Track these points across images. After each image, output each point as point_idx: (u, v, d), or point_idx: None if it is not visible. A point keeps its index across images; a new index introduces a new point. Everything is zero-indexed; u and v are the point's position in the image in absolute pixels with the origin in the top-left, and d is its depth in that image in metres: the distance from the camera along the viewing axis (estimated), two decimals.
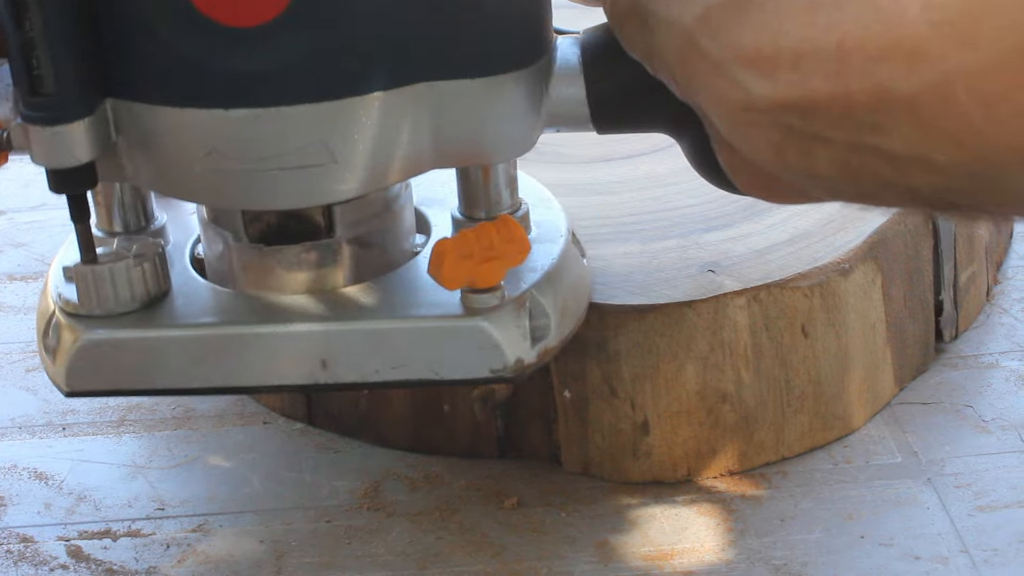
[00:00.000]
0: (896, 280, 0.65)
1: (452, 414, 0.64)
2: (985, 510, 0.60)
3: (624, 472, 0.62)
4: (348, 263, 0.58)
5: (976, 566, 0.56)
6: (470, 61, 0.52)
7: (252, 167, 0.52)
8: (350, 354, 0.55)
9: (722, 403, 0.61)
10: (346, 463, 0.65)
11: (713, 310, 0.60)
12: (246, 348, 0.56)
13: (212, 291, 0.58)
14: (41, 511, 0.63)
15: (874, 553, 0.58)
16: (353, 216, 0.57)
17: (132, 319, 0.56)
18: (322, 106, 0.51)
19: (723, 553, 0.58)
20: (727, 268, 0.62)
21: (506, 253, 0.54)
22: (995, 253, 0.76)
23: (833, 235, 0.64)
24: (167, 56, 0.50)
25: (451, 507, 0.62)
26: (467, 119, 0.53)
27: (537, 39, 0.54)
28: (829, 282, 0.62)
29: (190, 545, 0.60)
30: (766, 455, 0.63)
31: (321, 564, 0.59)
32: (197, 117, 0.51)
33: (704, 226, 0.66)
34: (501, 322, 0.55)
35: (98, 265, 0.56)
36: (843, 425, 0.64)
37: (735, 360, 0.61)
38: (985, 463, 0.62)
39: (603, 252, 0.64)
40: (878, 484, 0.62)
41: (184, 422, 0.69)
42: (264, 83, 0.50)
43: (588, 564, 0.58)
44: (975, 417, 0.66)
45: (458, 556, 0.59)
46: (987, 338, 0.71)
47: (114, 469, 0.66)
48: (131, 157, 0.54)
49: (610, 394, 0.61)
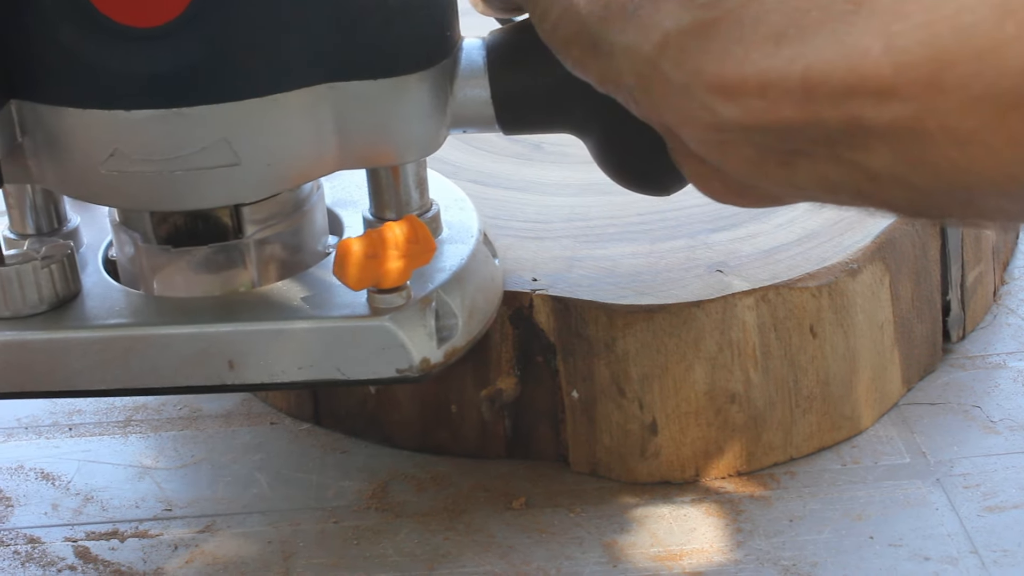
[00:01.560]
0: (904, 280, 0.65)
1: (460, 415, 0.64)
2: (994, 510, 0.59)
3: (632, 472, 0.62)
4: (257, 264, 0.58)
5: (985, 567, 0.56)
6: (372, 62, 0.52)
7: (156, 168, 0.52)
8: (256, 355, 0.55)
9: (730, 403, 0.61)
10: (353, 464, 0.65)
11: (721, 310, 0.60)
12: (152, 349, 0.55)
13: (122, 293, 0.58)
14: (48, 512, 0.63)
15: (883, 554, 0.57)
16: (261, 217, 0.58)
17: (40, 321, 0.56)
18: (224, 107, 0.51)
19: (732, 553, 0.58)
20: (735, 268, 0.62)
21: (411, 253, 0.54)
22: (1002, 253, 0.76)
23: (841, 235, 0.64)
24: (68, 57, 0.50)
25: (459, 508, 0.62)
26: (371, 120, 0.53)
27: (440, 40, 0.54)
28: (837, 282, 0.62)
29: (197, 546, 0.60)
30: (774, 455, 0.63)
31: (328, 565, 0.59)
32: (99, 118, 0.51)
33: (712, 226, 0.66)
34: (406, 322, 0.55)
35: (4, 267, 0.56)
36: (851, 425, 0.64)
37: (743, 360, 0.61)
38: (994, 463, 0.62)
39: (611, 252, 0.64)
40: (887, 484, 0.61)
41: (191, 422, 0.69)
42: (165, 84, 0.50)
43: (596, 565, 0.58)
44: (983, 417, 0.66)
45: (466, 557, 0.59)
46: (994, 338, 0.71)
47: (121, 470, 0.66)
48: (37, 158, 0.54)
49: (618, 394, 0.61)
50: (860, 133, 0.39)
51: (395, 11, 0.52)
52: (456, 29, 0.55)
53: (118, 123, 0.51)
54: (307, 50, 0.51)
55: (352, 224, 0.62)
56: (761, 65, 0.40)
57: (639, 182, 0.56)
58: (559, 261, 0.64)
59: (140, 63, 0.50)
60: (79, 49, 0.50)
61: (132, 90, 0.50)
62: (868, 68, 0.37)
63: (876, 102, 0.37)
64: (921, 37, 0.36)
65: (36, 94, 0.52)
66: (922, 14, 0.36)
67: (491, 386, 0.63)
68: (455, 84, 0.55)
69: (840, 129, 0.39)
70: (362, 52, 0.52)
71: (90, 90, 0.51)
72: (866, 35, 0.37)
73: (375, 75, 0.53)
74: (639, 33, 0.44)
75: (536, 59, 0.53)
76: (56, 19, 0.50)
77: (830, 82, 0.38)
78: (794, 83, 0.39)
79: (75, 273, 0.58)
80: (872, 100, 0.38)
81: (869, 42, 0.37)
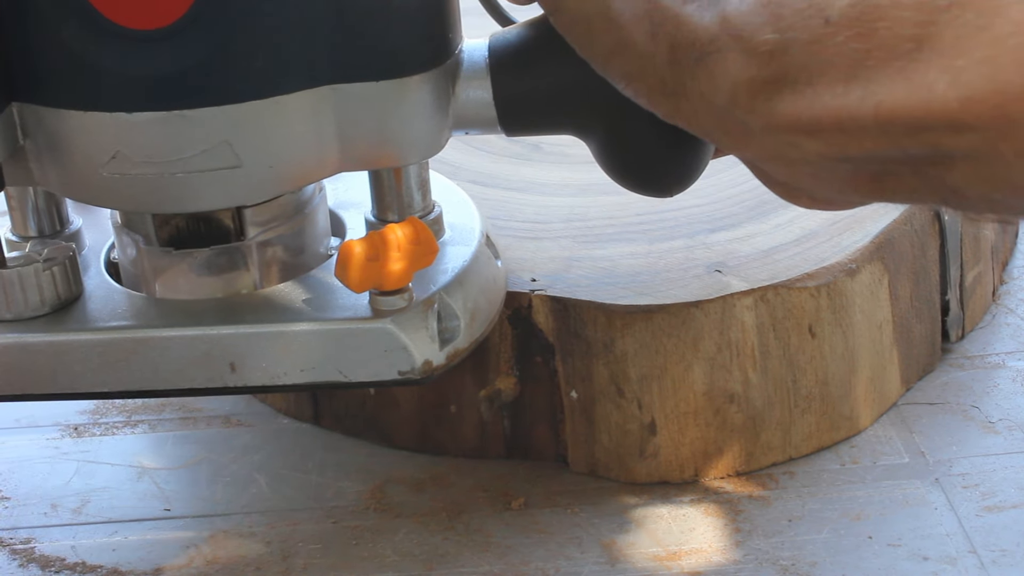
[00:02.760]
0: (902, 280, 0.65)
1: (459, 415, 0.64)
2: (993, 510, 0.60)
3: (631, 472, 0.62)
4: (259, 266, 0.58)
5: (984, 566, 0.56)
6: (374, 63, 0.52)
7: (157, 170, 0.52)
8: (258, 357, 0.55)
9: (729, 403, 0.61)
10: (352, 464, 0.65)
11: (720, 310, 0.60)
12: (154, 351, 0.56)
13: (124, 295, 0.58)
14: (48, 512, 0.63)
15: (882, 553, 0.58)
16: (263, 219, 0.58)
17: (41, 323, 0.56)
18: (225, 109, 0.51)
19: (730, 553, 0.58)
20: (734, 268, 0.62)
21: (413, 255, 0.54)
22: (1001, 253, 0.76)
23: (839, 235, 0.64)
24: (70, 59, 0.50)
25: (457, 508, 0.62)
26: (372, 121, 0.53)
27: (442, 41, 0.54)
28: (836, 282, 0.62)
29: (196, 546, 0.60)
30: (773, 455, 0.63)
31: (327, 565, 0.59)
32: (101, 121, 0.51)
33: (710, 226, 0.66)
34: (408, 324, 0.55)
35: (7, 269, 0.56)
36: (850, 425, 0.64)
37: (742, 360, 0.61)
38: (992, 463, 0.62)
39: (609, 252, 0.64)
40: (885, 484, 0.61)
41: (191, 423, 0.69)
42: (167, 86, 0.50)
43: (595, 565, 0.58)
44: (982, 417, 0.66)
45: (465, 557, 0.59)
46: (993, 338, 0.71)
47: (121, 470, 0.66)
48: (39, 161, 0.54)
49: (617, 394, 0.61)
50: (939, 156, 0.40)
51: (397, 13, 0.52)
52: (458, 30, 0.55)
53: (120, 125, 0.51)
54: (309, 52, 0.51)
55: (354, 226, 0.62)
56: (832, 104, 0.41)
57: (641, 183, 0.56)
58: (558, 261, 0.64)
59: (142, 65, 0.50)
60: (81, 52, 0.50)
61: (134, 92, 0.50)
62: (936, 104, 0.39)
63: (950, 133, 0.39)
64: (985, 72, 0.38)
65: (38, 96, 0.52)
66: (983, 50, 0.38)
67: (490, 386, 0.63)
68: (457, 85, 0.55)
69: (921, 153, 0.41)
70: (364, 54, 0.52)
71: (92, 92, 0.51)
72: (930, 72, 0.39)
73: (377, 76, 0.53)
74: (709, 81, 0.45)
75: (538, 61, 0.54)
76: (58, 22, 0.50)
77: (902, 118, 0.40)
78: (868, 120, 0.40)
79: (77, 275, 0.58)
80: (945, 132, 0.39)
81: (934, 78, 0.39)
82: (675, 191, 0.56)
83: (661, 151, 0.53)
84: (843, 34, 0.41)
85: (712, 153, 0.55)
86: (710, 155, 0.55)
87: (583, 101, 0.54)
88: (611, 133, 0.54)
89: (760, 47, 0.43)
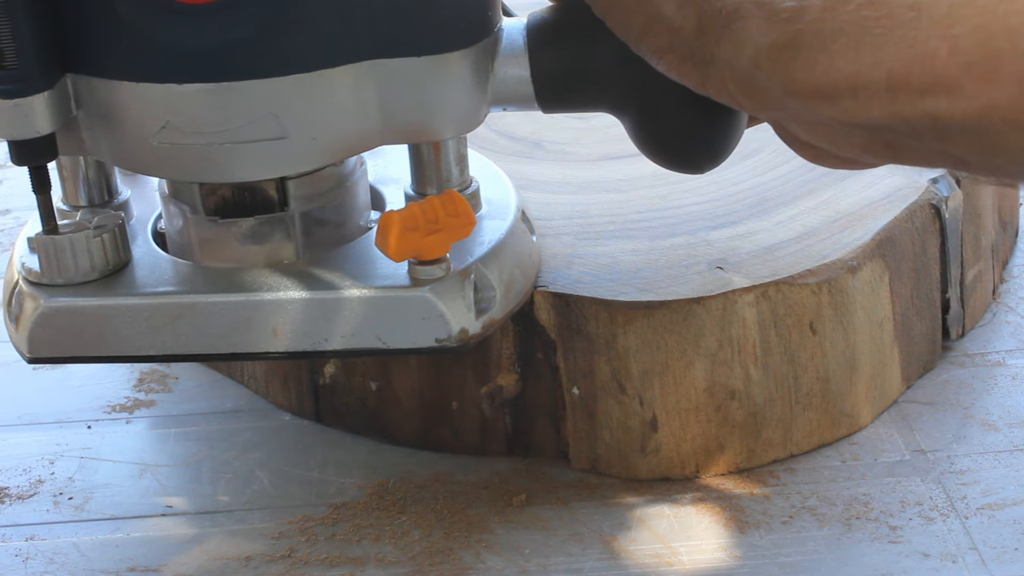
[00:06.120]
0: (903, 278, 0.65)
1: (460, 411, 0.64)
2: (993, 507, 0.60)
3: (632, 469, 0.62)
4: (301, 236, 0.59)
5: (985, 563, 0.57)
6: (416, 40, 0.54)
7: (205, 140, 0.54)
8: (300, 323, 0.57)
9: (730, 400, 0.61)
10: (354, 460, 0.65)
11: (721, 307, 0.60)
12: (199, 316, 0.57)
13: (170, 262, 0.60)
14: (50, 508, 0.63)
15: (883, 550, 0.58)
16: (306, 190, 0.59)
17: (91, 288, 0.58)
18: (272, 81, 0.53)
19: (731, 550, 0.58)
20: (735, 265, 0.62)
21: (451, 226, 0.55)
22: (1001, 251, 0.76)
23: (840, 232, 0.64)
24: (123, 32, 0.52)
25: (459, 504, 0.62)
26: (413, 96, 0.55)
27: (483, 19, 0.56)
28: (837, 279, 0.62)
29: (198, 542, 0.60)
30: (774, 452, 0.63)
31: (329, 562, 0.59)
32: (152, 92, 0.53)
33: (712, 223, 0.66)
34: (446, 293, 0.56)
35: (59, 235, 0.58)
36: (851, 422, 0.64)
37: (743, 357, 0.61)
38: (992, 461, 0.62)
39: (611, 249, 0.64)
40: (886, 481, 0.62)
41: (192, 419, 0.69)
42: (216, 59, 0.52)
43: (596, 561, 0.58)
44: (982, 415, 0.66)
45: (466, 553, 0.59)
46: (994, 336, 0.71)
47: (122, 467, 0.66)
48: (91, 131, 0.55)
49: (618, 391, 0.61)
50: (939, 127, 0.43)
51: None
52: (498, 9, 0.57)
53: (170, 96, 0.53)
54: (353, 27, 0.53)
55: (394, 202, 0.63)
56: (847, 71, 0.44)
57: (675, 159, 0.57)
58: (560, 258, 0.64)
59: (193, 38, 0.52)
60: (134, 24, 0.52)
61: (184, 64, 0.52)
62: (939, 68, 0.41)
63: (948, 99, 0.41)
64: (978, 38, 0.40)
65: (91, 68, 0.54)
66: (976, 18, 0.40)
67: (491, 383, 0.63)
68: (496, 62, 0.56)
69: (922, 125, 0.43)
70: (406, 30, 0.54)
71: (144, 64, 0.53)
72: (931, 39, 0.41)
73: (419, 52, 0.54)
74: (734, 47, 0.47)
75: (575, 39, 0.55)
76: None
77: (911, 83, 0.42)
78: (880, 84, 0.43)
79: (125, 242, 0.59)
80: (944, 97, 0.42)
81: (936, 45, 0.41)
82: (707, 167, 0.57)
83: (694, 126, 0.55)
84: (855, 1, 0.43)
85: (742, 132, 0.57)
86: (740, 133, 0.56)
87: (618, 80, 0.55)
88: (645, 109, 0.56)
89: (781, 14, 0.45)
